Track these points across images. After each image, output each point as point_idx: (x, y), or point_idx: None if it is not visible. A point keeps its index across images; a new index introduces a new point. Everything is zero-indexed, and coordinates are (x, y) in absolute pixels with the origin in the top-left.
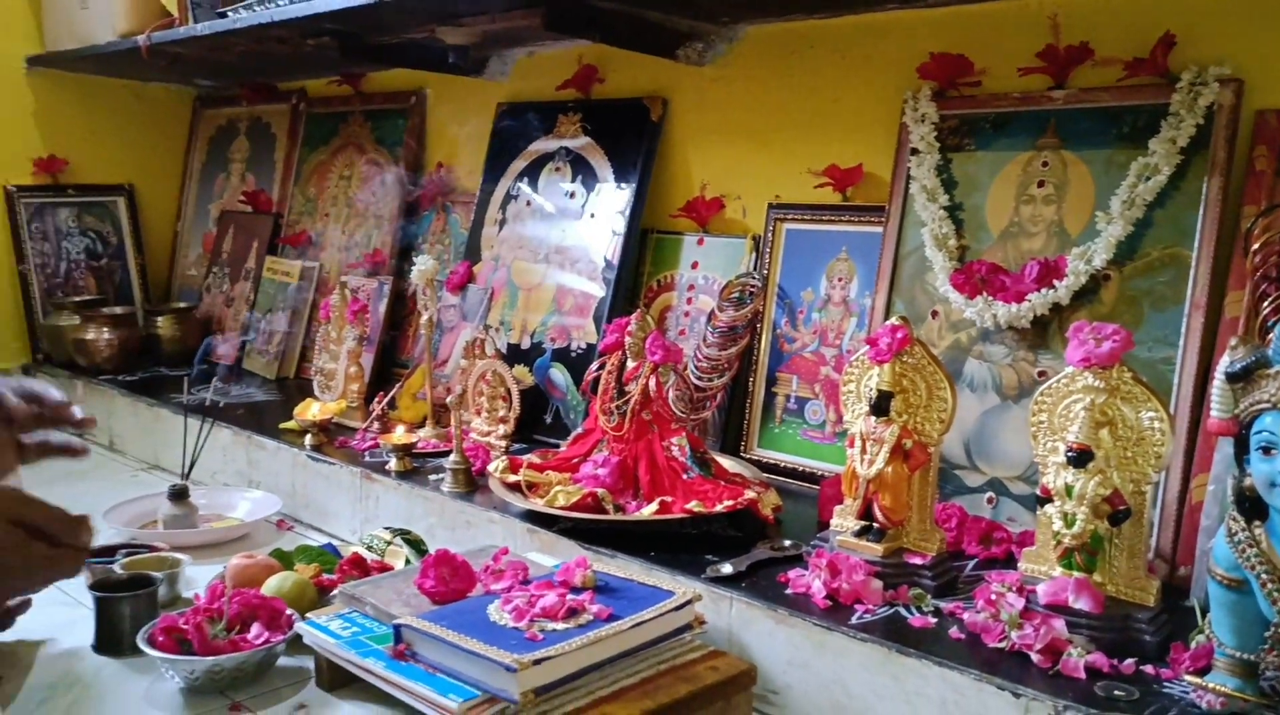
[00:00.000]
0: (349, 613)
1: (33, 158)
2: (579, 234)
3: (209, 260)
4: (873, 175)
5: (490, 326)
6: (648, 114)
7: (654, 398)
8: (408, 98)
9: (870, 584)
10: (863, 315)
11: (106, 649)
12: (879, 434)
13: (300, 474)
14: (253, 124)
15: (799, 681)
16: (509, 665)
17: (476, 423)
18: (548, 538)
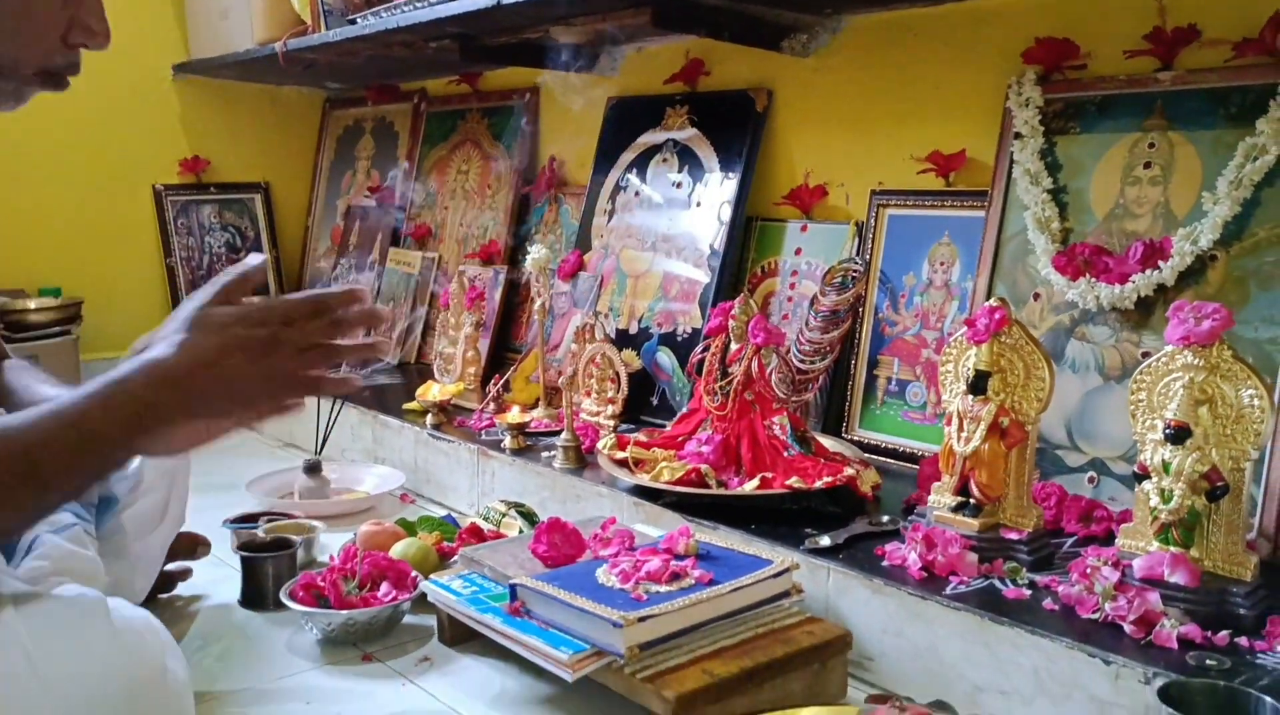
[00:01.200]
0: (469, 574)
1: (179, 158)
2: (685, 223)
3: (337, 252)
4: (975, 160)
5: (600, 312)
6: (753, 105)
7: (756, 378)
8: (522, 94)
9: (965, 557)
10: (964, 298)
11: (252, 604)
12: (976, 412)
13: (422, 451)
14: (377, 123)
15: (893, 649)
16: (616, 621)
17: (586, 404)
18: (653, 511)
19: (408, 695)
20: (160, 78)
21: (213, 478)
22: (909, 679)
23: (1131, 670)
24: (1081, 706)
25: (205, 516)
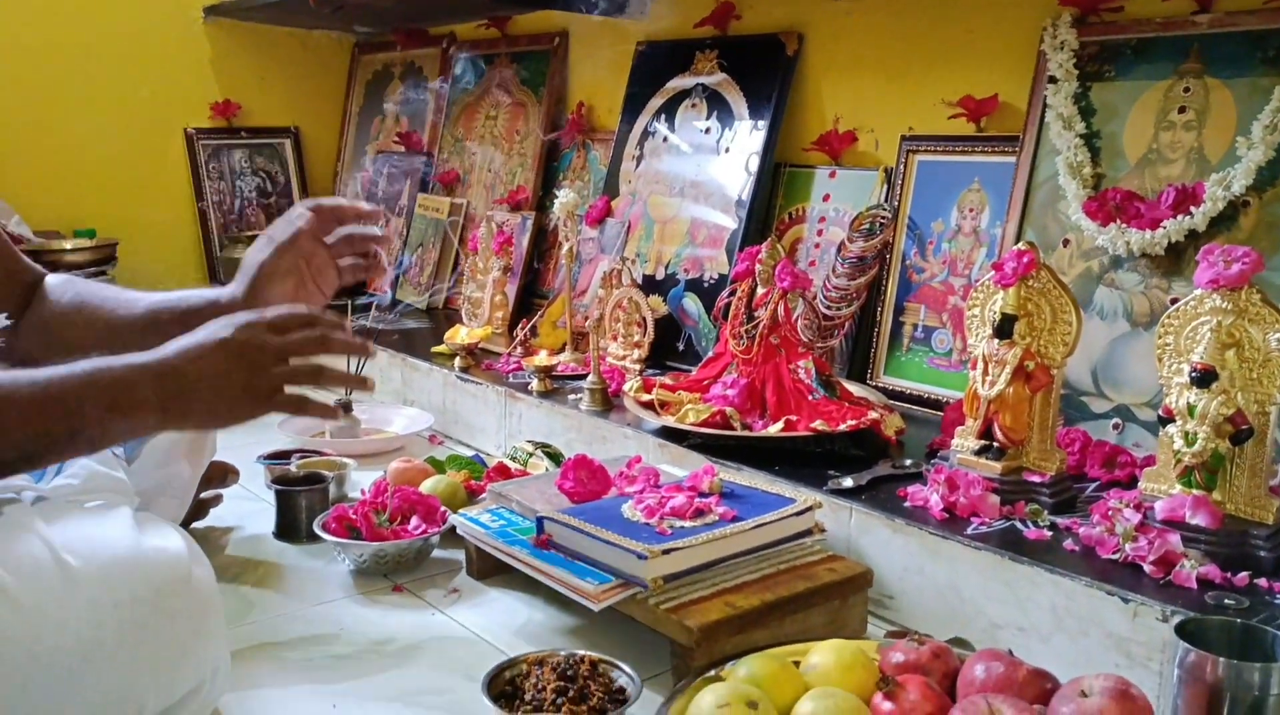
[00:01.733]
0: (497, 508)
1: (210, 102)
2: (713, 169)
3: (366, 197)
4: (1007, 105)
5: (627, 258)
6: (783, 49)
7: (782, 323)
8: (551, 39)
9: (987, 499)
10: (993, 245)
11: (286, 535)
12: (1001, 356)
13: (450, 393)
14: (406, 68)
15: (913, 587)
16: (640, 553)
17: (613, 348)
18: (678, 452)
19: (437, 624)
20: (191, 20)
21: None
22: (928, 616)
23: (1150, 608)
24: (1098, 642)
25: (239, 453)
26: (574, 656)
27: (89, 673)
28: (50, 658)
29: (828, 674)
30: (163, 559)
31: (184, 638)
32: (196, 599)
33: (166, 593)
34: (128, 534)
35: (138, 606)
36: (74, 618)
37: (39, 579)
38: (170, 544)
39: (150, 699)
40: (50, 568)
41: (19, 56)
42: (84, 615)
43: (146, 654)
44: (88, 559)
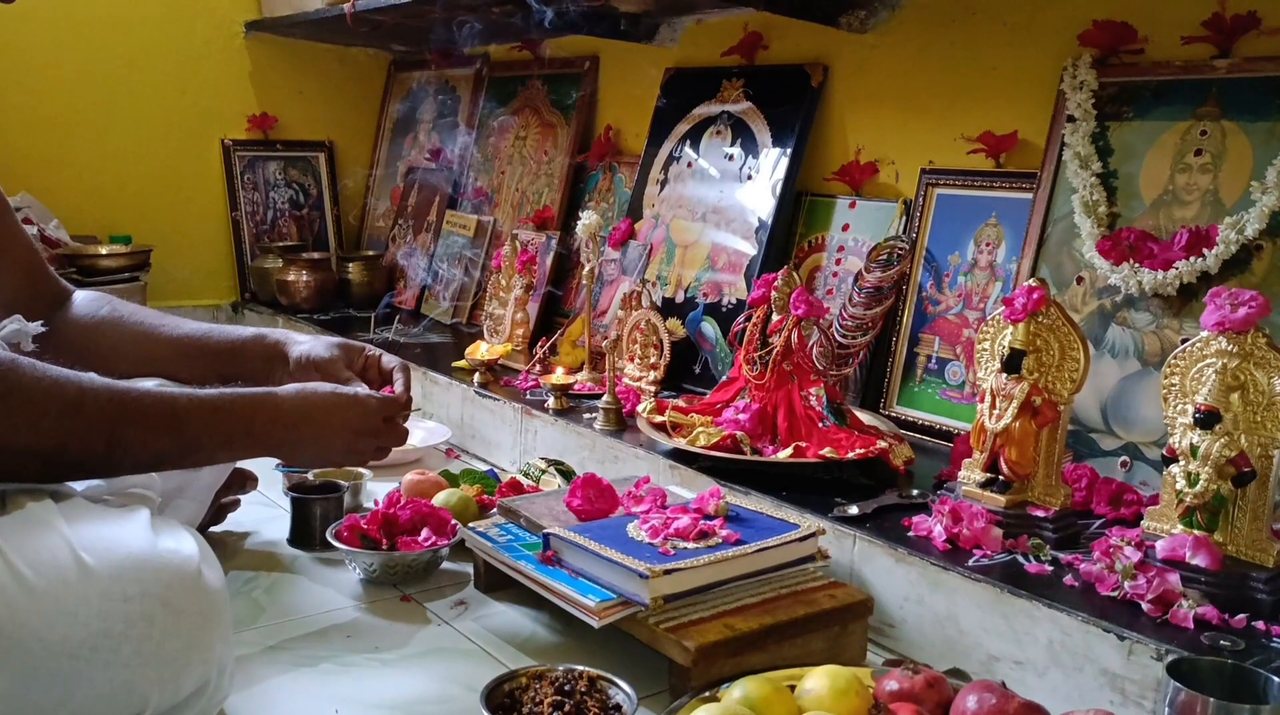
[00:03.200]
0: (505, 523)
1: (247, 115)
2: (736, 195)
3: (395, 212)
4: (1027, 142)
5: (648, 280)
6: (808, 80)
7: (795, 350)
8: (582, 63)
9: (991, 531)
10: (1008, 280)
11: (299, 543)
12: (1009, 390)
13: (468, 407)
14: (440, 87)
15: (913, 616)
16: (642, 572)
17: (629, 368)
18: (688, 474)
19: (443, 635)
20: (233, 34)
21: None
22: (928, 646)
23: (1145, 646)
24: (1093, 679)
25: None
26: (572, 672)
27: (96, 664)
28: (60, 646)
29: (821, 699)
30: (174, 559)
31: (190, 636)
32: (205, 600)
33: (176, 591)
34: (143, 534)
35: (147, 602)
36: (85, 609)
37: (55, 571)
38: (183, 545)
39: (155, 695)
40: (67, 561)
41: (66, 67)
42: (95, 607)
43: (153, 649)
44: (103, 555)
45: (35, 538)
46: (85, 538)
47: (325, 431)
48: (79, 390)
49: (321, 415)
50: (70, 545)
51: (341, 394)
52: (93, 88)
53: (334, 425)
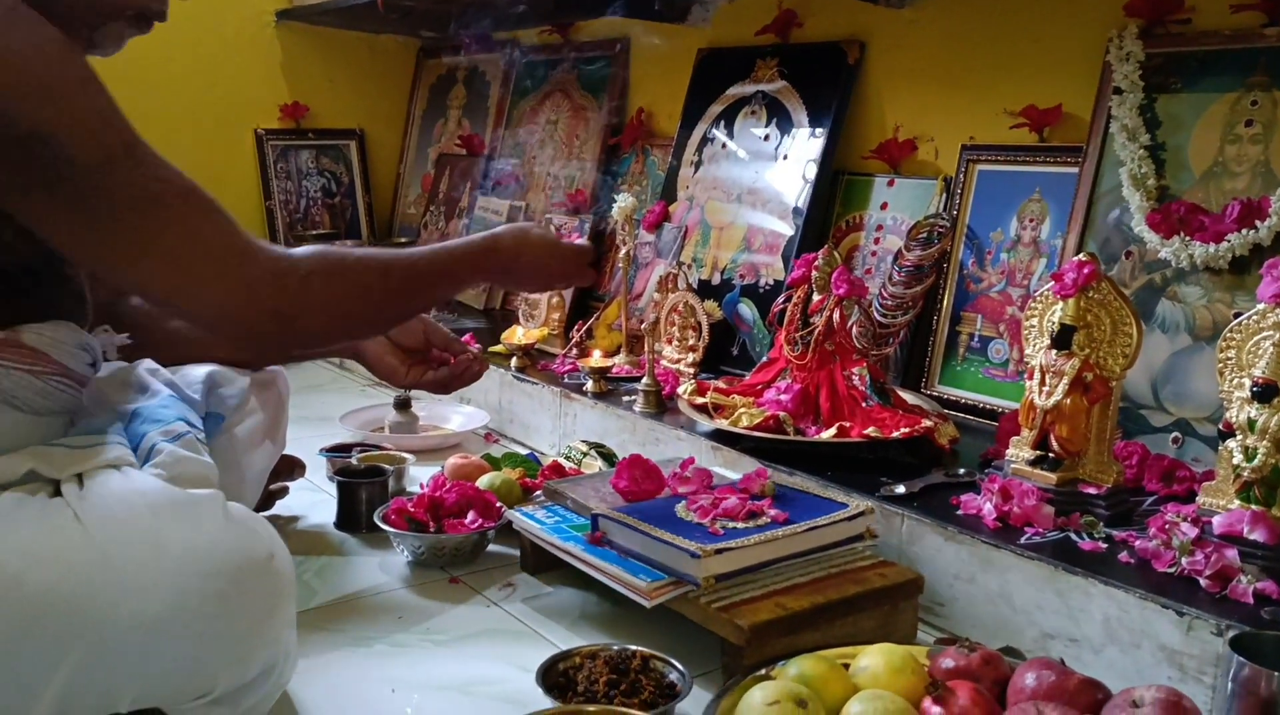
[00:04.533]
0: (552, 505)
1: (279, 104)
2: (771, 175)
3: (427, 199)
4: (1071, 116)
5: (683, 262)
6: (844, 58)
7: (837, 329)
8: (613, 45)
9: (1042, 509)
10: (1053, 256)
11: (346, 526)
12: (1059, 367)
13: (506, 392)
14: (470, 72)
15: (964, 594)
16: (694, 552)
17: (667, 351)
18: (730, 455)
19: (493, 616)
20: (264, 24)
21: (309, 410)
22: (979, 624)
23: (1204, 622)
24: (1151, 655)
25: (302, 446)
26: (626, 651)
27: (169, 639)
28: (134, 620)
29: (877, 676)
30: (247, 541)
31: (260, 617)
32: (274, 582)
33: (248, 572)
34: (217, 514)
35: (220, 580)
36: (160, 584)
37: (131, 544)
38: (256, 526)
39: (223, 675)
40: (143, 537)
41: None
42: (170, 583)
43: (224, 628)
44: (178, 533)
45: (113, 515)
46: (161, 517)
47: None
48: (382, 263)
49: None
50: (147, 524)
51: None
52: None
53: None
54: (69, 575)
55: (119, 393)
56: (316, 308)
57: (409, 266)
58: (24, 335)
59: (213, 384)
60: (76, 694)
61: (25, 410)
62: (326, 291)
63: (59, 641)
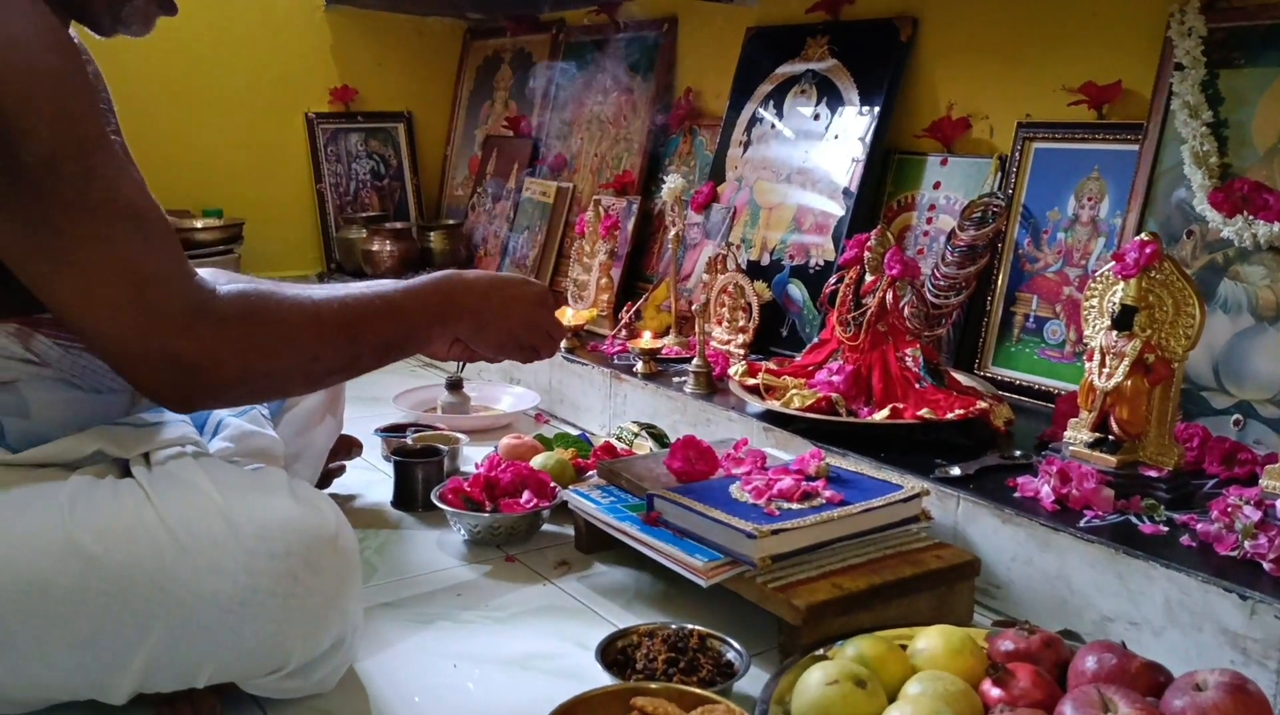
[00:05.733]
0: (606, 486)
1: (329, 88)
2: (821, 155)
3: (474, 181)
4: (1131, 92)
5: (732, 243)
6: (896, 34)
7: (890, 310)
8: (660, 25)
9: (1101, 492)
10: (1111, 235)
11: (403, 505)
12: (1120, 348)
13: (556, 373)
14: (516, 54)
15: (1021, 577)
16: (750, 532)
17: (717, 332)
18: (782, 436)
19: (549, 594)
20: (314, 8)
21: (362, 391)
22: (1037, 607)
23: (1269, 605)
24: (1213, 638)
25: (357, 425)
26: (684, 630)
27: (245, 618)
28: (210, 599)
29: (935, 658)
30: (315, 520)
31: (329, 594)
32: (342, 559)
33: (316, 550)
34: (285, 494)
35: (291, 560)
36: (233, 565)
37: (204, 526)
38: (322, 507)
39: (297, 649)
40: (214, 517)
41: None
42: (243, 563)
43: (296, 605)
44: (248, 513)
45: (184, 496)
46: (230, 497)
47: (510, 303)
48: (314, 304)
49: (505, 287)
50: (217, 504)
51: (514, 275)
52: (179, 65)
53: (517, 297)
54: (147, 556)
55: None
56: (229, 358)
57: (343, 307)
58: None
59: None
60: (158, 670)
61: (85, 388)
62: (244, 341)
63: (141, 620)
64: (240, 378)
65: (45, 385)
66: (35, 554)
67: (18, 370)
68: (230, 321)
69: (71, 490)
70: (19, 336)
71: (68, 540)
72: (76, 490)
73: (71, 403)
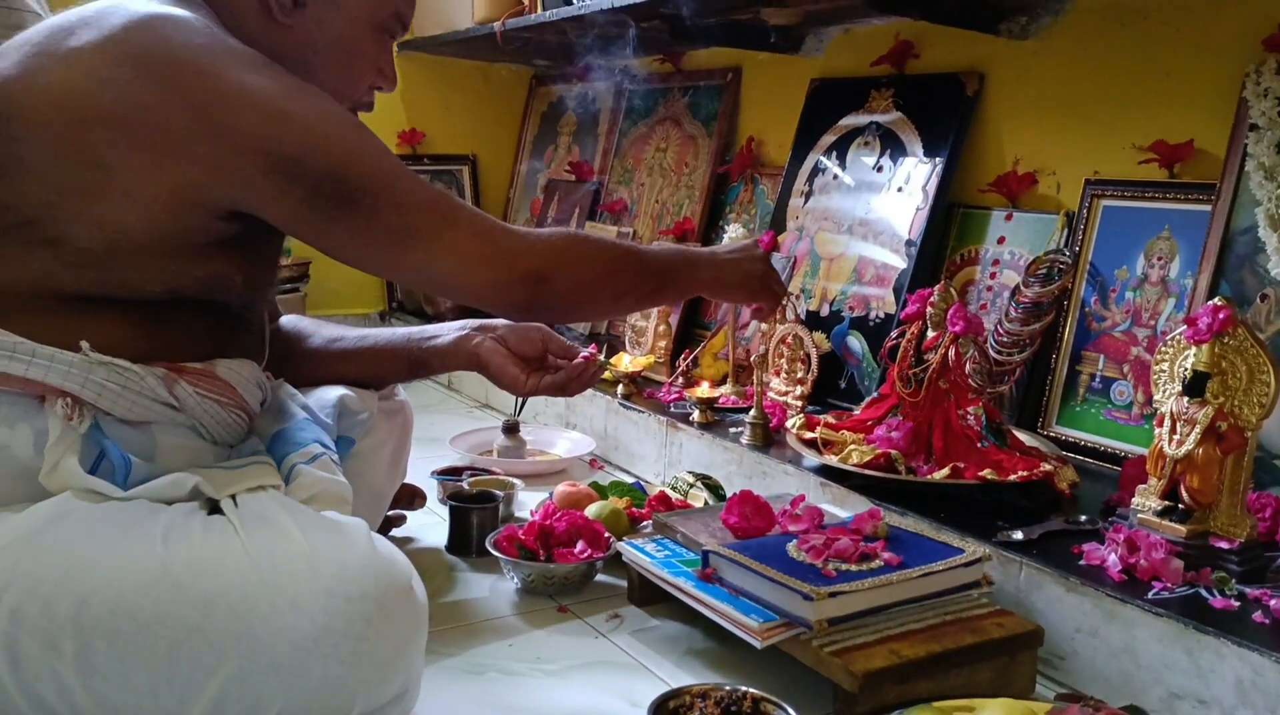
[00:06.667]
0: (661, 538)
1: (398, 130)
2: (883, 207)
3: (535, 224)
4: (1203, 152)
5: (792, 293)
6: (962, 89)
7: (952, 367)
8: (724, 75)
9: (1170, 563)
10: (1182, 296)
11: (458, 550)
12: (1191, 415)
13: (612, 419)
14: (581, 100)
15: (1086, 648)
16: (807, 594)
17: (775, 383)
18: (839, 492)
19: (600, 647)
20: None
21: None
22: (1101, 681)
23: None
24: None
25: (414, 466)
26: (737, 692)
27: (316, 656)
28: (284, 635)
29: None
30: (391, 567)
31: (399, 642)
32: (413, 609)
33: (392, 597)
34: (363, 539)
35: (366, 603)
36: (310, 602)
37: (286, 562)
38: (397, 556)
39: (361, 695)
40: (297, 554)
41: None
42: (319, 602)
43: (367, 650)
44: (329, 554)
45: (269, 532)
46: (313, 537)
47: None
48: (616, 246)
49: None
50: (299, 543)
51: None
52: None
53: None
54: (230, 586)
55: (267, 421)
56: (564, 270)
57: (638, 255)
58: (218, 368)
59: (344, 408)
60: (228, 703)
61: (206, 437)
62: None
63: (217, 649)
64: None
65: (175, 431)
66: (128, 576)
67: (157, 412)
68: (555, 244)
69: (168, 519)
70: (166, 381)
71: (159, 565)
72: (172, 519)
73: (192, 451)
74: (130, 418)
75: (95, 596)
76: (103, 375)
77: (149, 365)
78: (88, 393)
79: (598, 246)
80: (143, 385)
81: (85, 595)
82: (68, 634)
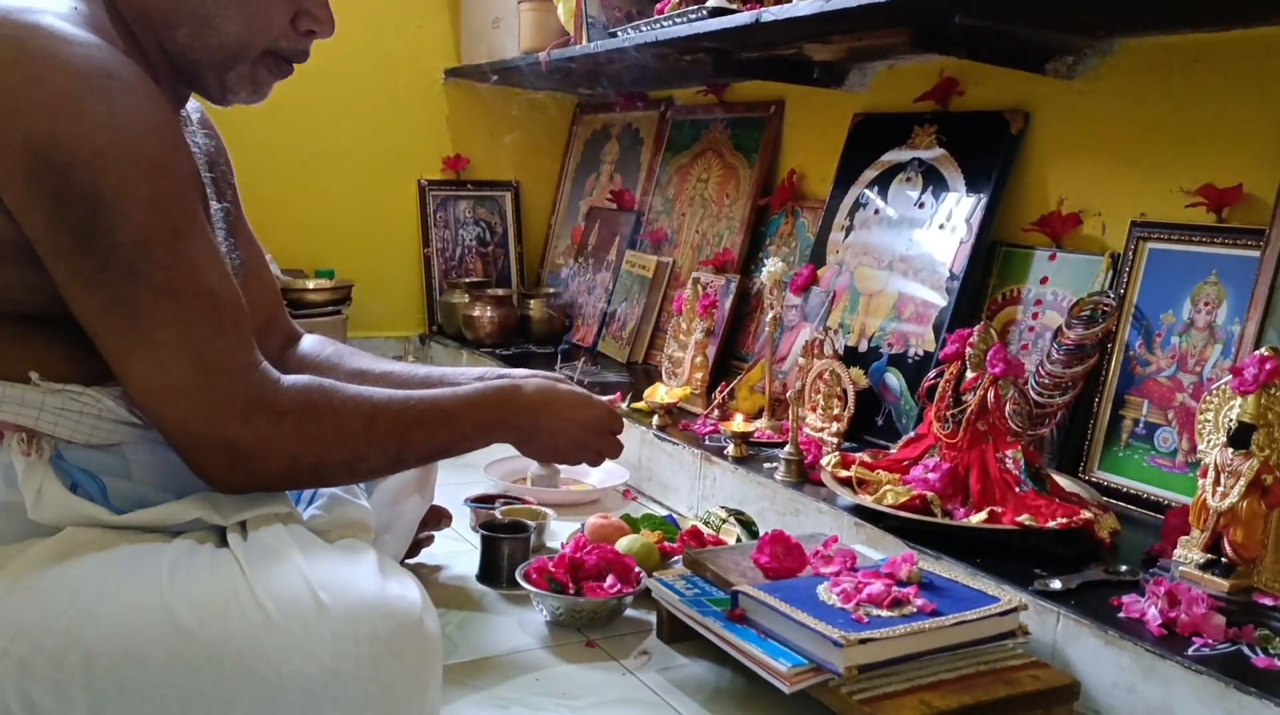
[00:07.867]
0: (691, 576)
1: (442, 156)
2: (925, 244)
3: (575, 251)
4: (1252, 196)
5: (830, 328)
6: (1007, 127)
7: (991, 409)
8: (767, 107)
9: (1212, 618)
10: (1229, 342)
11: (488, 580)
12: (1236, 467)
13: (646, 450)
14: (624, 129)
15: (1123, 704)
16: (837, 640)
17: (811, 418)
18: (873, 533)
19: (627, 685)
20: (433, 80)
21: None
22: None
23: None
24: None
25: (447, 492)
26: None
27: (326, 700)
28: (295, 680)
29: None
30: (401, 605)
31: (410, 683)
32: (425, 646)
33: (400, 637)
34: (373, 576)
35: (375, 645)
36: (320, 647)
37: (293, 605)
38: (408, 591)
39: None
40: (305, 598)
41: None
42: (329, 646)
43: (377, 692)
44: (338, 595)
45: (275, 571)
46: (321, 575)
47: (561, 422)
48: (372, 406)
49: (559, 407)
50: (308, 582)
51: (577, 391)
52: (309, 133)
53: (569, 417)
54: (238, 633)
55: None
56: (279, 451)
57: (398, 414)
58: None
59: None
60: None
61: None
62: (297, 436)
63: (227, 697)
64: (288, 468)
65: (147, 447)
66: (135, 623)
67: (123, 433)
68: (287, 416)
69: (172, 557)
70: (125, 398)
71: (165, 609)
72: (177, 557)
73: (170, 465)
74: (95, 442)
75: (103, 646)
76: (57, 402)
77: (103, 386)
78: (44, 424)
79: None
80: (100, 407)
81: (93, 645)
82: (78, 685)
